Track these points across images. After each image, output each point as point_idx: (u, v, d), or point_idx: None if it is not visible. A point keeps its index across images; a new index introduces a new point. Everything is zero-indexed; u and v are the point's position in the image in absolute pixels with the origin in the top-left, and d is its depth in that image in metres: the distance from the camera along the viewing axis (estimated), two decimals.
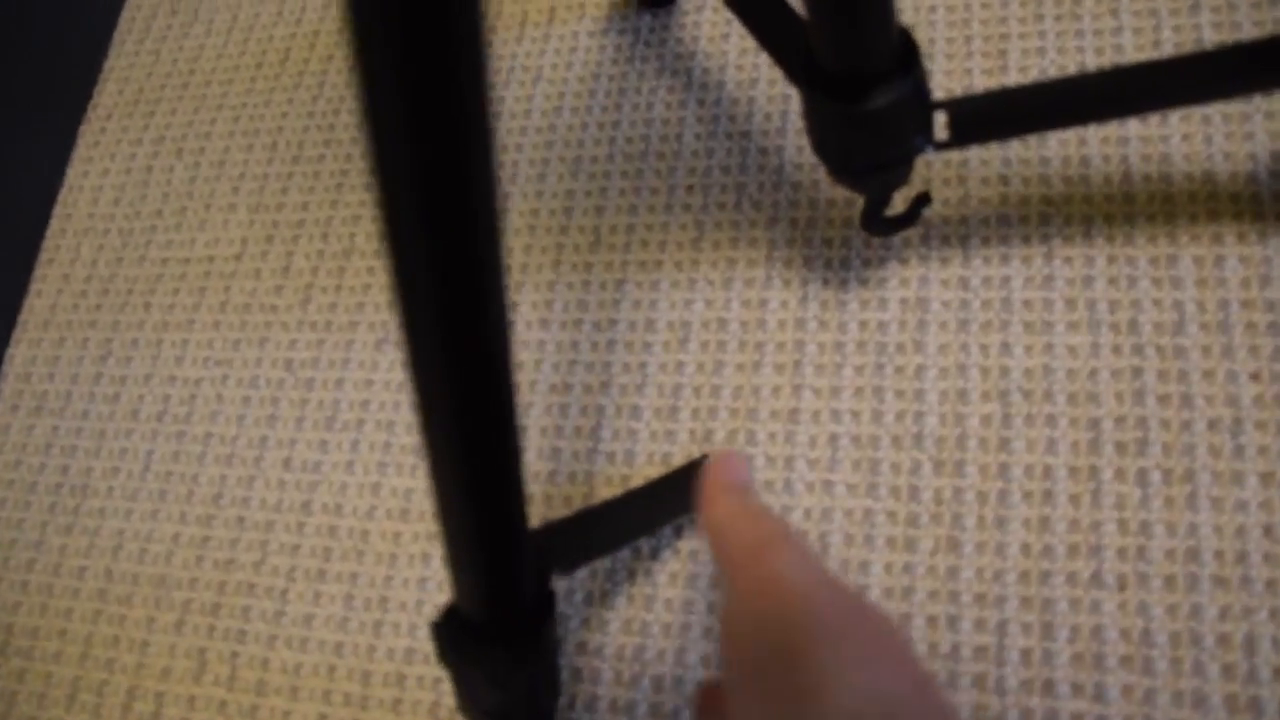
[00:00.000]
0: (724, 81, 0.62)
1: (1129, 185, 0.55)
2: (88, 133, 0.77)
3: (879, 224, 0.50)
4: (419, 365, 0.27)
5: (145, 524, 0.61)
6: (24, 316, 0.71)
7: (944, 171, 0.56)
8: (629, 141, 0.62)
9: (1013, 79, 0.59)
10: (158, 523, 0.61)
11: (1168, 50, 0.58)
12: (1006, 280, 0.53)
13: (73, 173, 0.76)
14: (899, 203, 0.51)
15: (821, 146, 0.44)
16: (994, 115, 0.44)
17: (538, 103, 0.65)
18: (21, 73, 0.73)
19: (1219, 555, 0.46)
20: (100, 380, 0.66)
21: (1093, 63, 0.58)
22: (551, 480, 0.54)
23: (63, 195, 0.75)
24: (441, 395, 0.28)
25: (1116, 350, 0.51)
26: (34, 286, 0.72)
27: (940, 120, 0.44)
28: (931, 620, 0.47)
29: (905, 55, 0.41)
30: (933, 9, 0.62)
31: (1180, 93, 0.43)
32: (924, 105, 0.42)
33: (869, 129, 0.41)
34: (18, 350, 0.70)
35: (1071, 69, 0.59)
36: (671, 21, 0.65)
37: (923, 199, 0.50)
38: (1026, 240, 0.54)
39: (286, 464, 0.60)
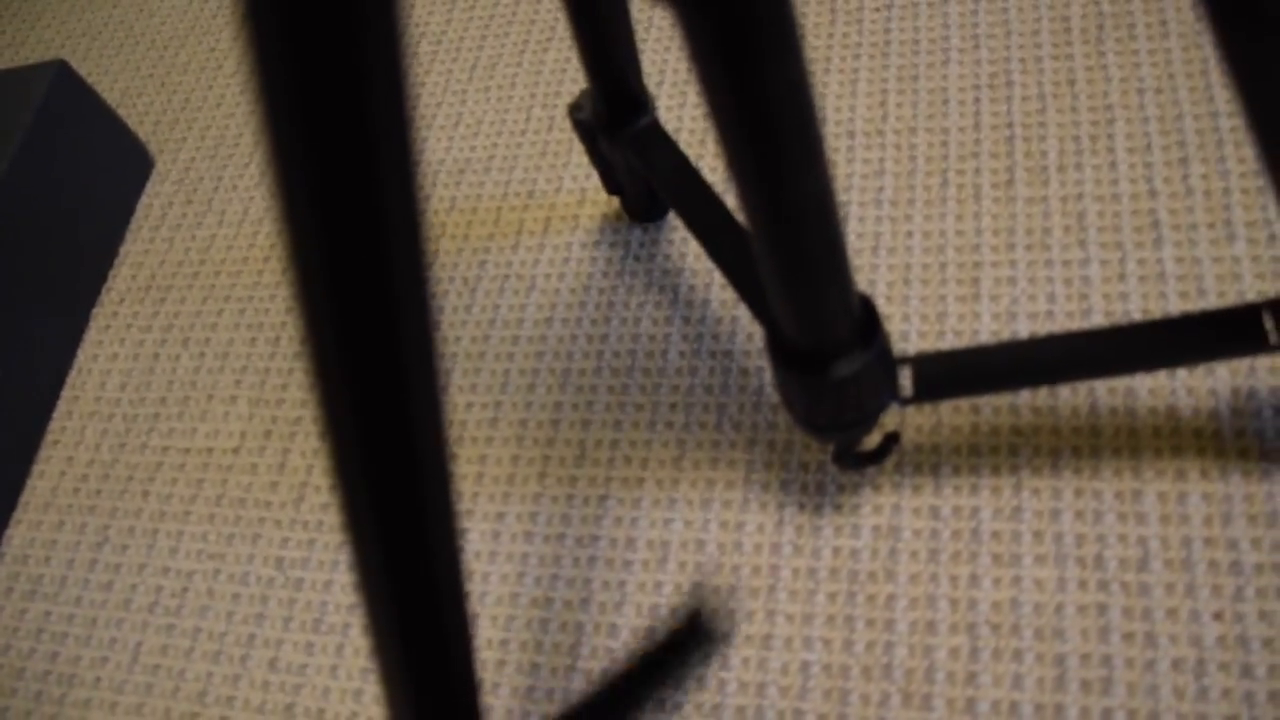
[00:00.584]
0: (709, 300, 0.65)
1: (1096, 418, 0.57)
2: (100, 315, 0.80)
3: (850, 460, 0.52)
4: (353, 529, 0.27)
5: (130, 719, 0.61)
6: (26, 498, 0.73)
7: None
8: (616, 356, 0.65)
9: (985, 306, 0.62)
10: (142, 718, 0.61)
11: (1132, 281, 0.60)
12: (976, 511, 0.55)
13: (83, 355, 0.78)
14: (872, 436, 0.53)
15: (788, 404, 0.46)
16: (959, 374, 0.46)
17: (530, 312, 0.68)
18: (43, 249, 0.76)
19: None
20: (95, 567, 0.68)
21: (1061, 293, 0.61)
22: (529, 696, 0.55)
23: (72, 377, 0.77)
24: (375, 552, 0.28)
25: (1082, 585, 0.53)
26: (38, 468, 0.74)
27: (906, 376, 0.47)
28: None
29: (867, 325, 0.43)
30: (909, 234, 0.65)
31: (1142, 359, 0.46)
32: (888, 367, 0.45)
33: (832, 397, 0.43)
34: (17, 531, 0.71)
35: (1040, 298, 0.62)
36: (660, 236, 0.69)
37: (892, 438, 0.52)
38: (996, 470, 0.56)
39: (272, 664, 0.61)
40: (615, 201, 0.71)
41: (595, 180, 0.73)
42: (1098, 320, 0.60)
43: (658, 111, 0.75)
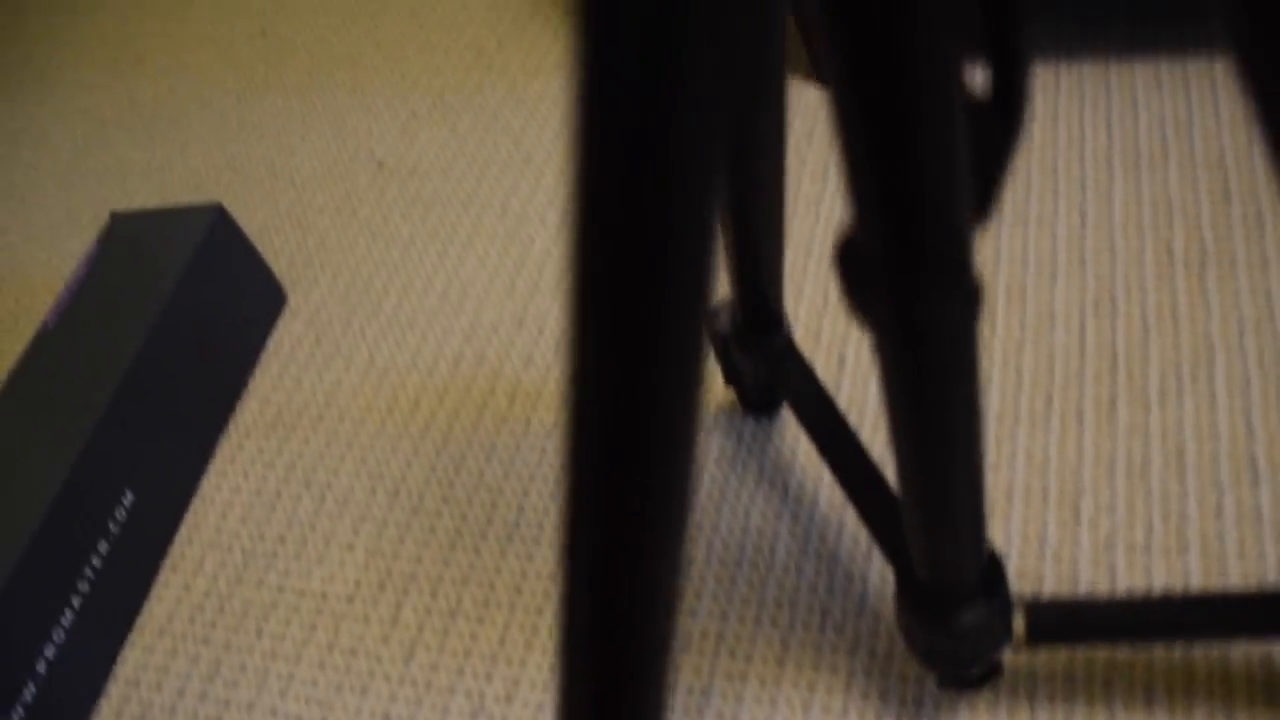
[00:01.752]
0: (817, 499, 0.68)
1: (1189, 658, 0.59)
2: (226, 447, 0.85)
3: (953, 683, 0.54)
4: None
5: None
6: (142, 621, 0.76)
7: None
8: (725, 547, 0.68)
9: (1085, 532, 0.64)
10: None
11: (1229, 521, 0.63)
12: None
13: (207, 484, 0.83)
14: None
15: (905, 631, 0.49)
16: (1072, 623, 0.49)
17: None
18: (182, 378, 0.81)
19: None
20: (205, 699, 0.71)
21: (1159, 527, 0.64)
22: None
23: (195, 504, 0.82)
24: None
25: None
26: (155, 592, 0.78)
27: (1020, 620, 0.49)
28: None
29: (993, 575, 0.46)
30: (1013, 453, 0.68)
31: (1247, 629, 0.48)
32: (1007, 614, 0.47)
33: (954, 640, 0.46)
34: (131, 654, 0.75)
35: (1139, 529, 0.64)
36: (773, 430, 0.72)
37: (996, 668, 0.54)
38: (1090, 700, 0.58)
39: None
40: (730, 391, 0.75)
41: (711, 365, 0.77)
42: (1194, 557, 0.62)
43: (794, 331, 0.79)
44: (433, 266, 0.92)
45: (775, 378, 0.61)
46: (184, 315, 0.81)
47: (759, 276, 0.59)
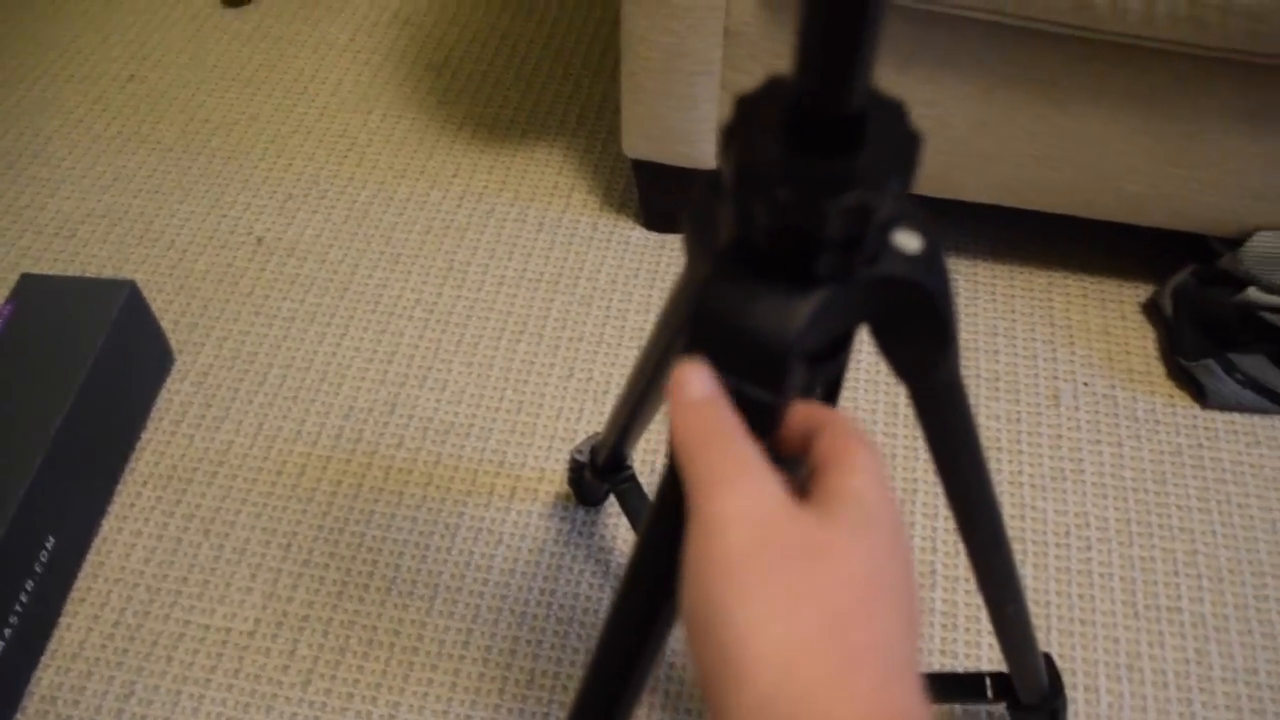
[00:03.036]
0: None
1: None
2: (124, 492, 0.99)
3: None
4: None
5: None
6: (54, 645, 0.90)
7: None
8: (561, 608, 0.90)
9: None
10: None
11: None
12: None
13: (108, 526, 0.97)
14: None
15: None
16: None
17: (498, 561, 0.93)
18: (88, 431, 0.94)
19: None
20: (122, 715, 0.86)
21: None
22: None
23: (97, 543, 0.96)
24: None
25: None
26: (64, 620, 0.91)
27: None
28: None
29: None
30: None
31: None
32: None
33: None
34: (45, 674, 0.89)
35: None
36: (599, 519, 0.95)
37: None
38: None
39: None
40: (565, 484, 0.97)
41: (553, 462, 0.99)
42: None
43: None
44: (312, 346, 1.08)
45: (625, 510, 0.85)
46: (99, 381, 0.95)
47: (631, 437, 0.81)
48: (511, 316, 1.10)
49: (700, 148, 1.04)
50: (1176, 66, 0.90)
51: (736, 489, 0.31)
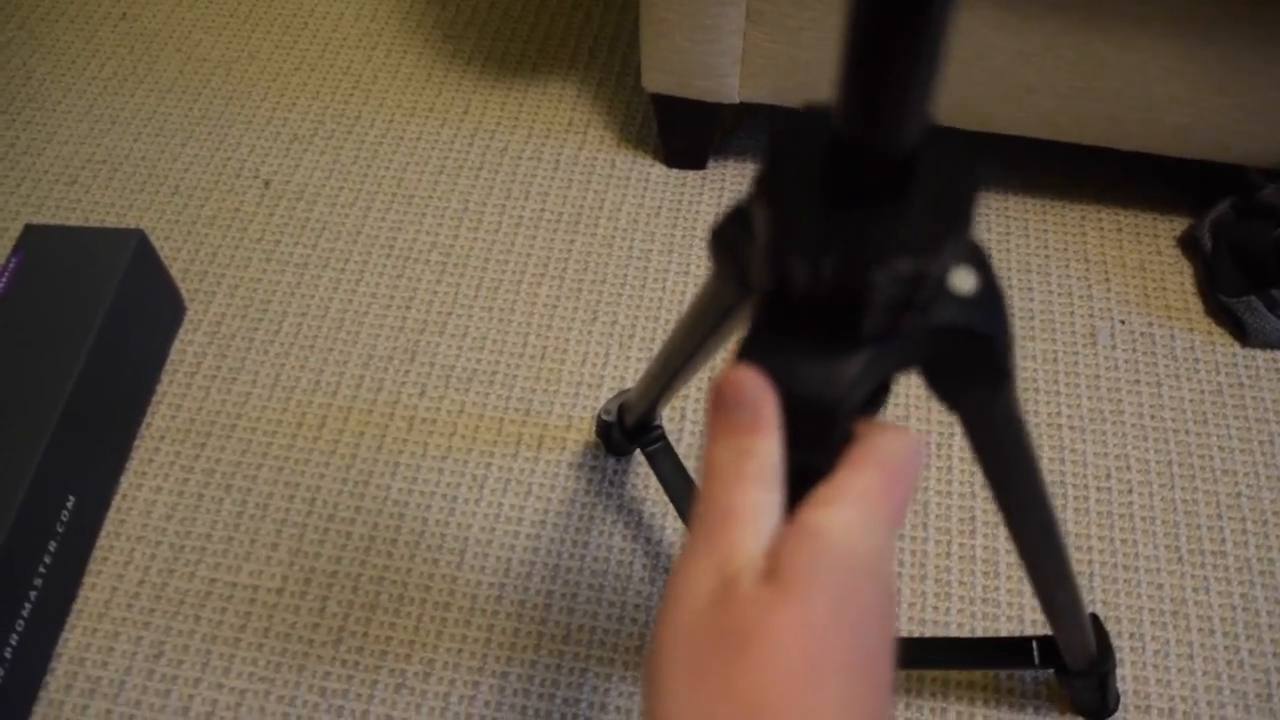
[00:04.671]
0: (665, 526, 0.90)
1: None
2: (142, 448, 0.96)
3: None
4: None
5: None
6: (79, 606, 0.88)
7: None
8: (595, 560, 0.88)
9: None
10: None
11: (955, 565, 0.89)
12: None
13: (127, 483, 0.94)
14: None
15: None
16: None
17: (528, 514, 0.91)
18: (103, 387, 0.91)
19: None
20: (153, 675, 0.85)
21: (908, 561, 0.89)
22: None
23: (117, 501, 0.93)
24: None
25: None
26: (88, 580, 0.90)
27: None
28: None
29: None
30: None
31: (971, 662, 0.74)
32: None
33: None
34: (72, 635, 0.87)
35: None
36: (629, 469, 0.93)
37: None
38: None
39: None
40: (593, 433, 0.95)
41: (580, 409, 0.96)
42: (930, 585, 0.88)
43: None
44: (327, 293, 1.05)
45: (653, 468, 0.83)
46: (111, 336, 0.92)
47: (660, 404, 0.78)
48: (531, 259, 1.07)
49: (725, 82, 1.00)
50: None
51: (710, 545, 0.29)
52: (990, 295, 0.33)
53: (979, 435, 0.42)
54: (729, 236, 0.33)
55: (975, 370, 0.36)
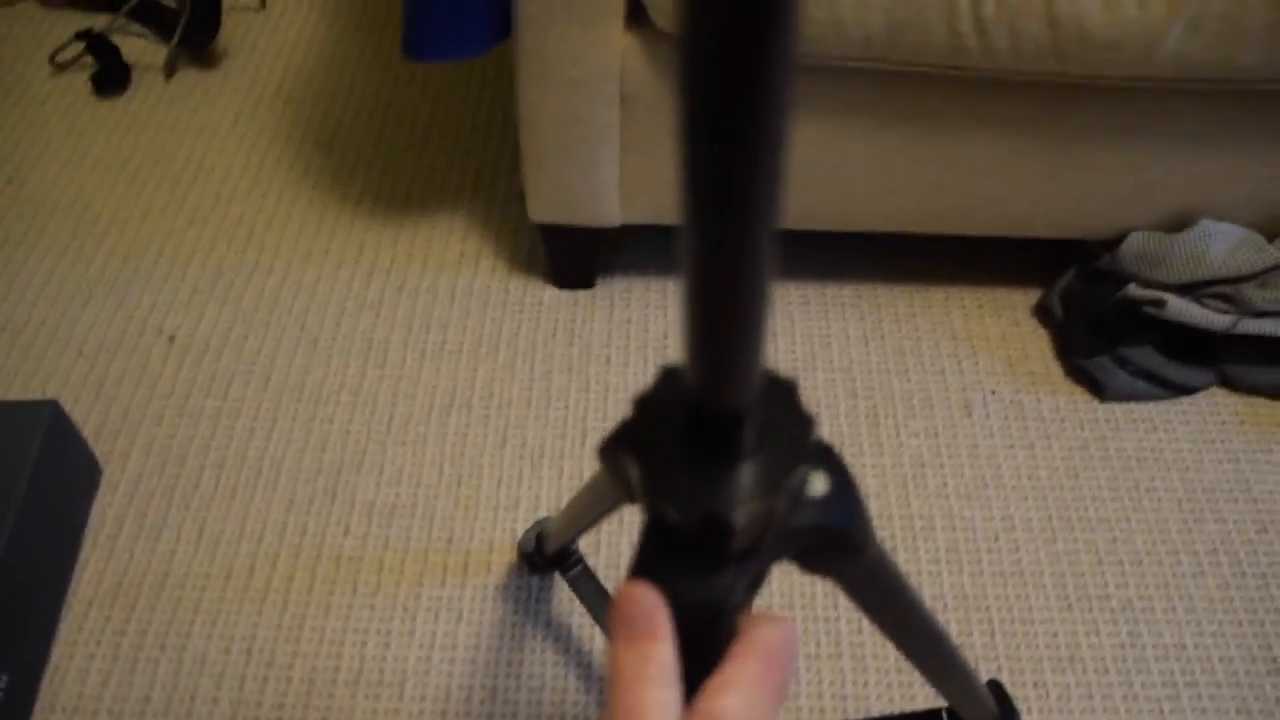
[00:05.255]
0: (594, 637, 0.94)
1: None
2: (71, 616, 0.97)
3: None
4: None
5: None
6: None
7: None
8: (531, 677, 0.92)
9: None
10: None
11: None
12: None
13: (57, 654, 0.95)
14: None
15: None
16: None
17: (461, 639, 0.94)
18: (27, 560, 0.92)
19: None
20: None
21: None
22: None
23: (49, 674, 0.94)
24: None
25: None
26: None
27: None
28: None
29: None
30: None
31: None
32: None
33: None
34: None
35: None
36: (553, 584, 0.97)
37: None
38: None
39: None
40: (514, 553, 0.99)
41: (499, 532, 1.01)
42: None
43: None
44: (242, 441, 1.08)
45: (575, 592, 0.88)
46: (30, 511, 0.93)
47: (576, 538, 0.83)
48: (438, 390, 1.12)
49: (606, 208, 1.07)
50: (1045, 94, 0.96)
51: None
52: (841, 491, 0.40)
53: (851, 590, 0.48)
54: (614, 456, 0.38)
55: (836, 553, 0.42)
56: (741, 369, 0.31)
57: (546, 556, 0.88)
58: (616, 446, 0.37)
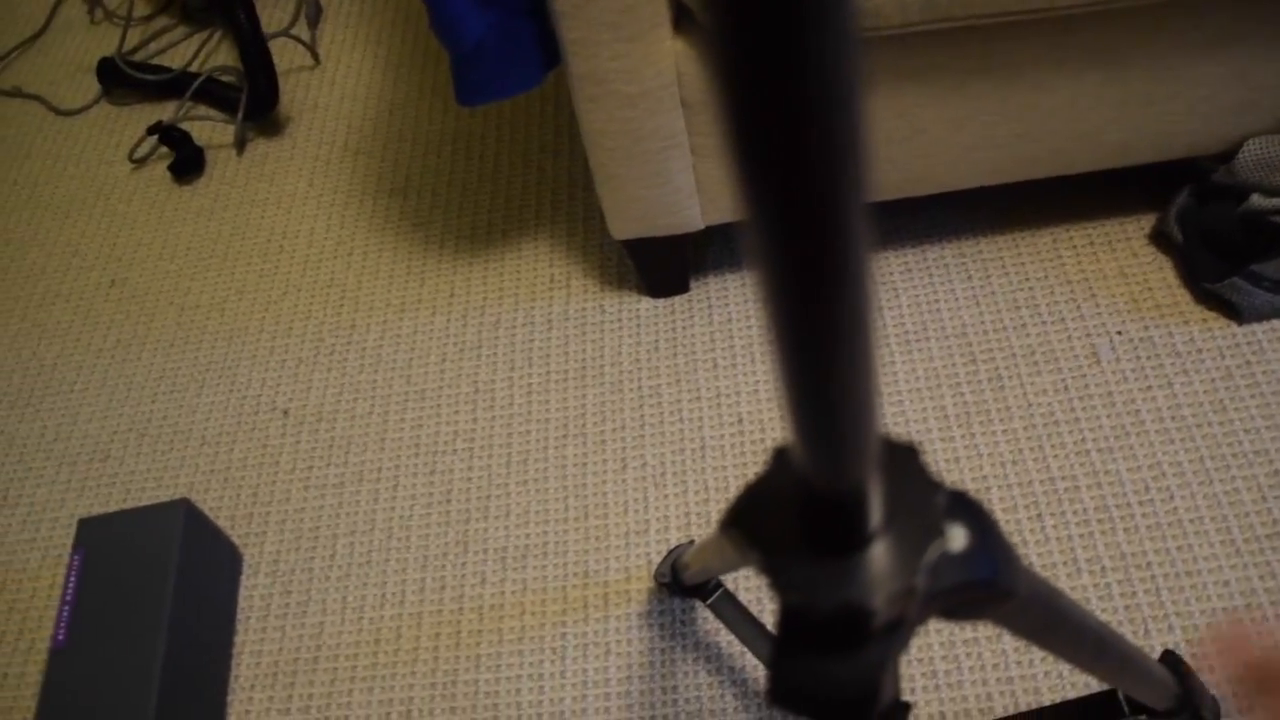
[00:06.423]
0: (744, 653, 0.92)
1: None
2: (236, 703, 1.00)
3: None
4: None
5: None
6: None
7: None
8: (688, 701, 0.91)
9: None
10: None
11: None
12: None
13: None
14: None
15: None
16: None
17: (613, 673, 0.94)
18: (186, 659, 0.95)
19: None
20: None
21: None
22: None
23: None
24: None
25: None
26: None
27: None
28: None
29: None
30: None
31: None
32: None
33: None
34: None
35: None
36: (694, 605, 0.96)
37: None
38: None
39: None
40: (651, 579, 0.98)
41: (634, 558, 1.00)
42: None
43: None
44: (369, 505, 1.09)
45: (719, 618, 0.86)
46: (184, 607, 0.96)
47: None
48: (550, 422, 1.11)
49: (687, 214, 1.05)
50: (1126, 19, 0.90)
51: None
52: (982, 538, 0.36)
53: (1010, 627, 0.45)
54: (735, 537, 0.36)
55: (986, 602, 0.39)
56: (854, 448, 0.28)
57: (685, 587, 0.86)
58: (736, 529, 0.35)
